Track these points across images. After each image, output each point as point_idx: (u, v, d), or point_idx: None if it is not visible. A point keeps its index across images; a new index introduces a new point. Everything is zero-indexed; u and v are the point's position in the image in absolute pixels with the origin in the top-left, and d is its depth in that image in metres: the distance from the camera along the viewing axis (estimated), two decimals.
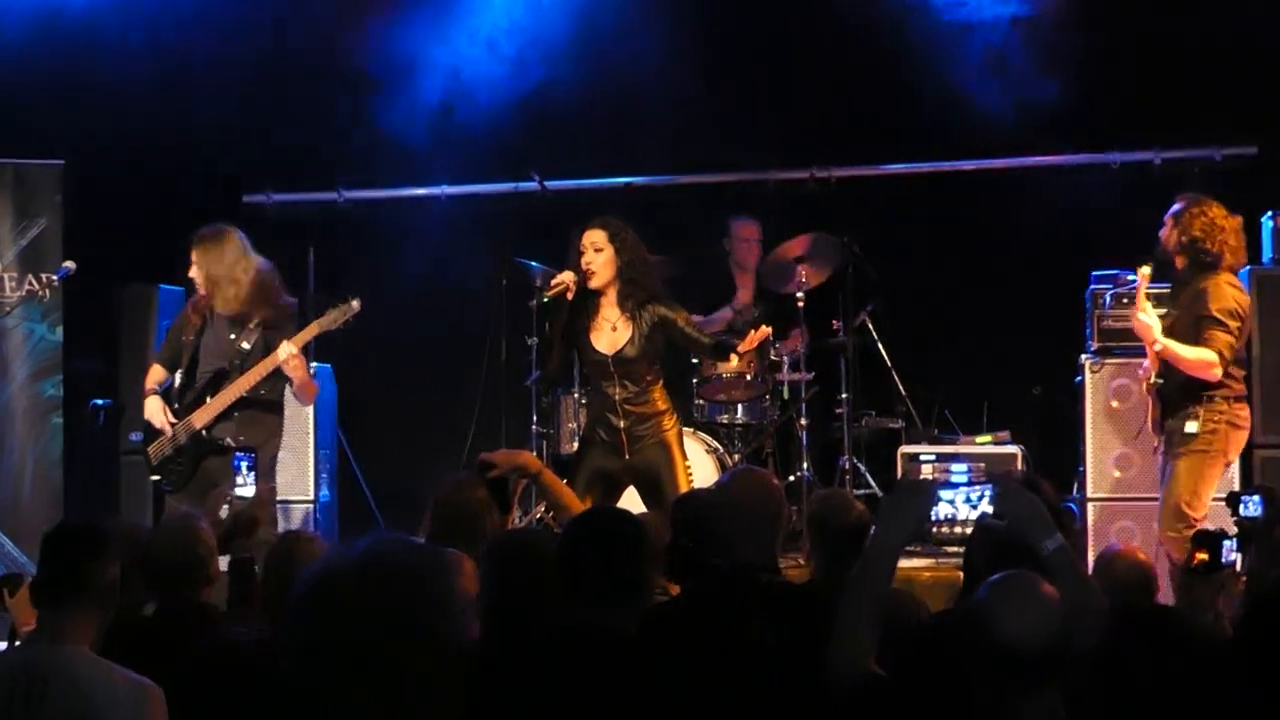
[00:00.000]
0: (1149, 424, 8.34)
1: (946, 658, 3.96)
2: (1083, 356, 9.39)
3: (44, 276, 9.53)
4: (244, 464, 6.62)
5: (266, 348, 8.30)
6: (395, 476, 10.59)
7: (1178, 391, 8.09)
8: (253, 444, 8.15)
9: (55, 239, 10.03)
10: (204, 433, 8.30)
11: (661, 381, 8.36)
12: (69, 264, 9.27)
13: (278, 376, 8.35)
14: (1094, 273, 9.54)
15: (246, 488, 6.48)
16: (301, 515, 9.97)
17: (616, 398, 8.19)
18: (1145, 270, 8.13)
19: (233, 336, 8.35)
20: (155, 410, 8.39)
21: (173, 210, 10.19)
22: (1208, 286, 8.02)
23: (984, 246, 10.77)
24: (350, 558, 2.71)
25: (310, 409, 9.95)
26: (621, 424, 8.19)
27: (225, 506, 6.56)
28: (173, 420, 8.35)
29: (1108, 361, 9.32)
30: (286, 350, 8.18)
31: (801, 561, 8.65)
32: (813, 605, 5.13)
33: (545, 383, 10.07)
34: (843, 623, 4.08)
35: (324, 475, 10.17)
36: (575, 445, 9.92)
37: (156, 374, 8.56)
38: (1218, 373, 7.95)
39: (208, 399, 8.31)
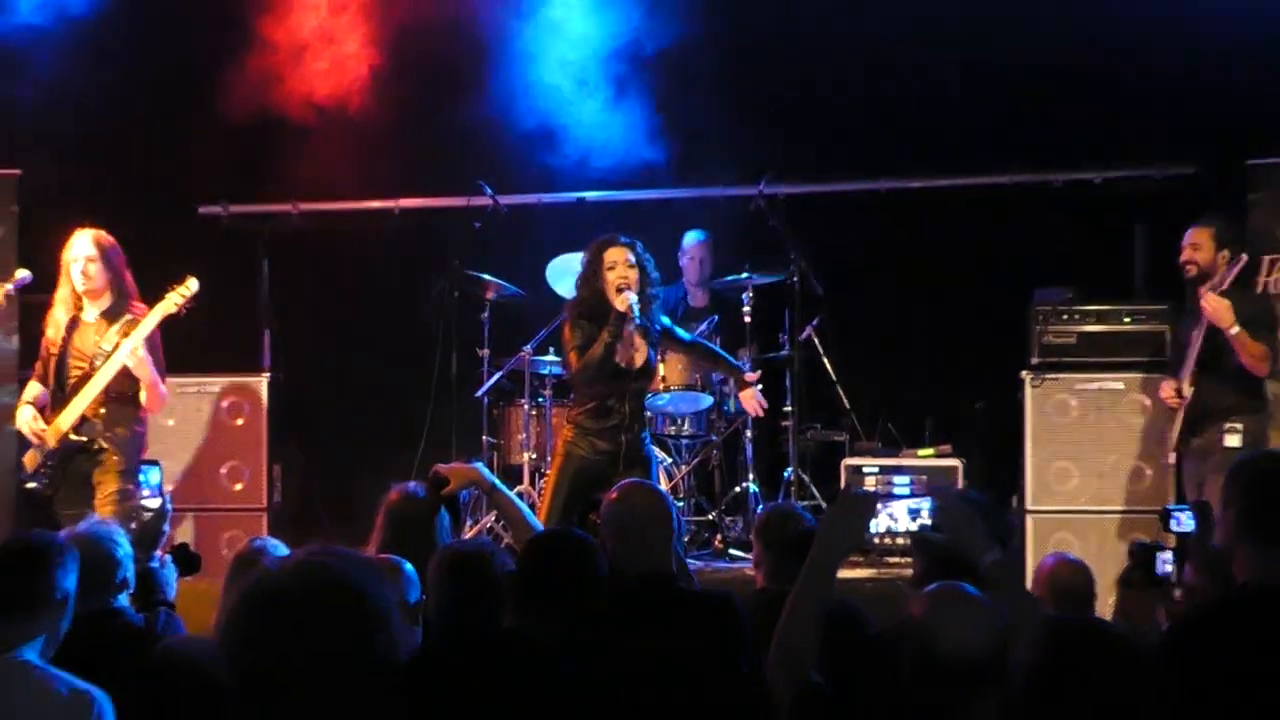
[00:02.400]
0: (1173, 437, 8.60)
1: (889, 669, 4.05)
2: (1023, 371, 9.55)
3: (0, 285, 9.52)
4: (153, 476, 6.56)
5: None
6: (347, 486, 10.59)
7: (1217, 402, 8.43)
8: (120, 441, 8.40)
9: (11, 248, 10.03)
10: (70, 435, 8.40)
11: None
12: (25, 273, 9.22)
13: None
14: (1036, 289, 9.71)
15: (152, 499, 6.42)
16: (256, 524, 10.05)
17: (629, 410, 8.26)
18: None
19: (96, 338, 8.48)
20: (25, 420, 8.50)
21: (129, 221, 10.21)
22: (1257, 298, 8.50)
23: (928, 263, 10.86)
24: (286, 571, 2.75)
25: (264, 417, 10.08)
26: (625, 438, 8.24)
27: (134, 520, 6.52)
28: (43, 427, 8.45)
29: (1048, 377, 9.47)
30: (126, 345, 8.32)
31: (750, 571, 8.81)
32: (721, 610, 5.24)
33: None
34: (785, 631, 4.17)
35: (276, 484, 10.24)
36: (525, 455, 10.04)
37: (33, 389, 8.66)
38: (1267, 368, 8.39)
39: (72, 401, 8.44)
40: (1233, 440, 8.30)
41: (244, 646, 2.71)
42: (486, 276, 10.23)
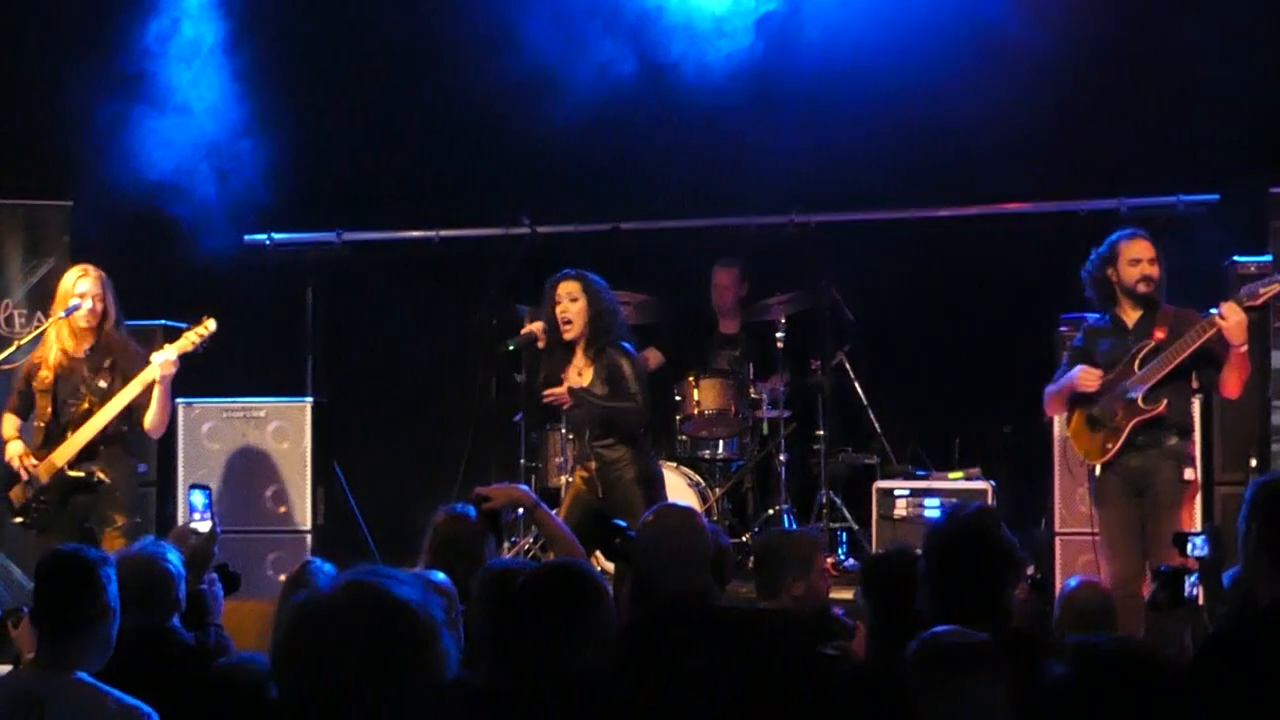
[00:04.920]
0: (1107, 455, 8.05)
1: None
2: None
3: (52, 313, 9.67)
4: (201, 500, 6.64)
5: (125, 383, 8.57)
6: (389, 508, 10.81)
7: (1170, 420, 8.02)
8: (123, 476, 8.61)
9: (63, 277, 10.22)
10: (67, 469, 8.52)
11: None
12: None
13: (132, 412, 8.59)
14: (1062, 315, 9.76)
15: (203, 523, 6.48)
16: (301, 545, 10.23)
17: (587, 436, 8.48)
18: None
19: (90, 374, 8.60)
20: (16, 454, 8.55)
21: (176, 250, 10.39)
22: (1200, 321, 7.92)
23: (957, 290, 10.95)
24: (336, 590, 2.77)
25: (308, 441, 10.21)
26: (591, 464, 8.47)
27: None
28: (34, 463, 8.52)
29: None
30: (162, 356, 8.51)
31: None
32: (750, 628, 5.30)
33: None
34: None
35: (320, 506, 10.36)
36: (562, 479, 10.16)
37: (12, 423, 8.72)
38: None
39: (69, 436, 8.54)
40: (1190, 474, 8.00)
41: (295, 665, 2.75)
42: (521, 306, 10.38)
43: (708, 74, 10.74)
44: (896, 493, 10.05)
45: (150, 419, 8.65)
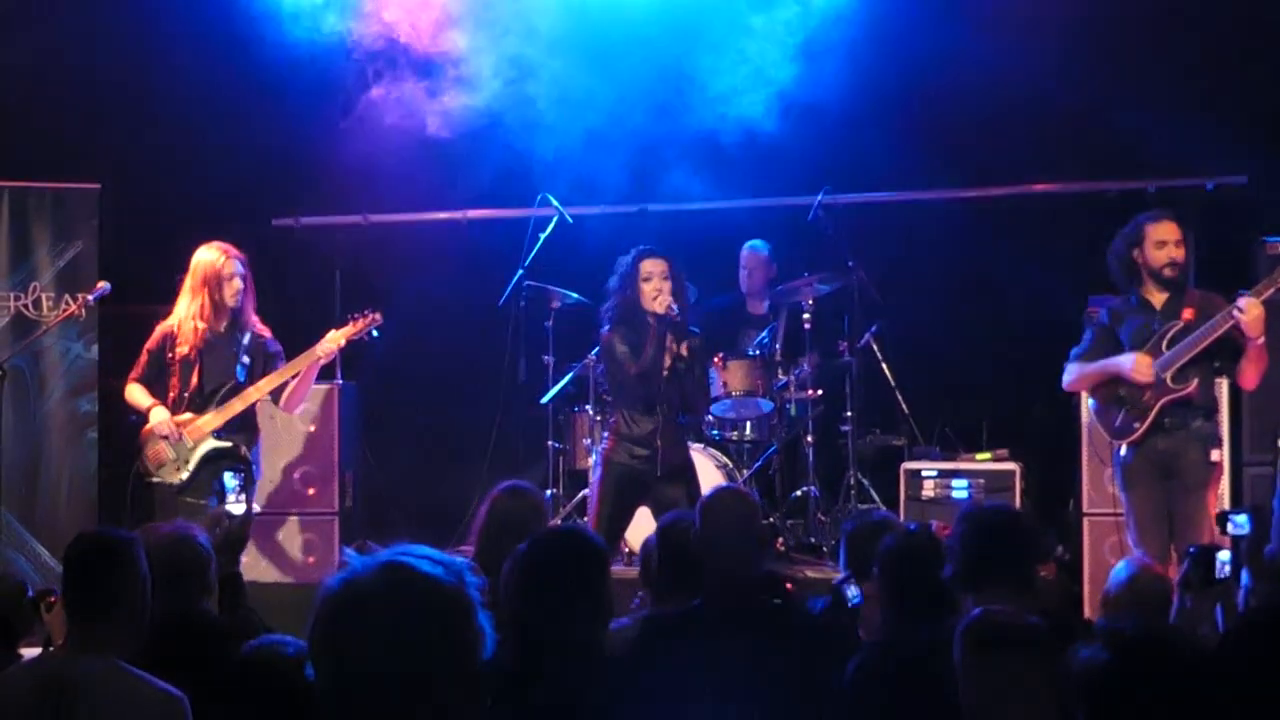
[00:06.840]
0: (1134, 435, 8.03)
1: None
2: None
3: (80, 296, 9.74)
4: (236, 481, 6.62)
5: (265, 363, 8.90)
6: (417, 490, 10.90)
7: (1197, 402, 7.97)
8: (251, 452, 8.83)
9: (91, 260, 10.28)
10: (215, 436, 8.76)
11: None
12: (104, 284, 9.49)
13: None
14: (1090, 296, 9.76)
15: (238, 505, 6.47)
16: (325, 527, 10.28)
17: (663, 414, 8.47)
18: None
19: (234, 352, 8.84)
20: (162, 418, 8.75)
21: (204, 232, 10.41)
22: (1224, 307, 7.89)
23: (984, 271, 10.95)
24: (372, 570, 2.74)
25: (336, 423, 10.28)
26: (660, 442, 8.44)
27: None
28: (180, 421, 8.75)
29: None
30: (334, 339, 8.92)
31: (810, 574, 9.01)
32: (789, 620, 5.38)
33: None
34: None
35: (348, 488, 10.43)
36: (590, 460, 10.19)
37: (145, 391, 8.91)
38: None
39: (215, 407, 8.76)
40: (1216, 455, 7.97)
41: (331, 646, 2.74)
42: (551, 286, 10.42)
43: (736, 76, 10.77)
44: (924, 474, 10.07)
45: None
